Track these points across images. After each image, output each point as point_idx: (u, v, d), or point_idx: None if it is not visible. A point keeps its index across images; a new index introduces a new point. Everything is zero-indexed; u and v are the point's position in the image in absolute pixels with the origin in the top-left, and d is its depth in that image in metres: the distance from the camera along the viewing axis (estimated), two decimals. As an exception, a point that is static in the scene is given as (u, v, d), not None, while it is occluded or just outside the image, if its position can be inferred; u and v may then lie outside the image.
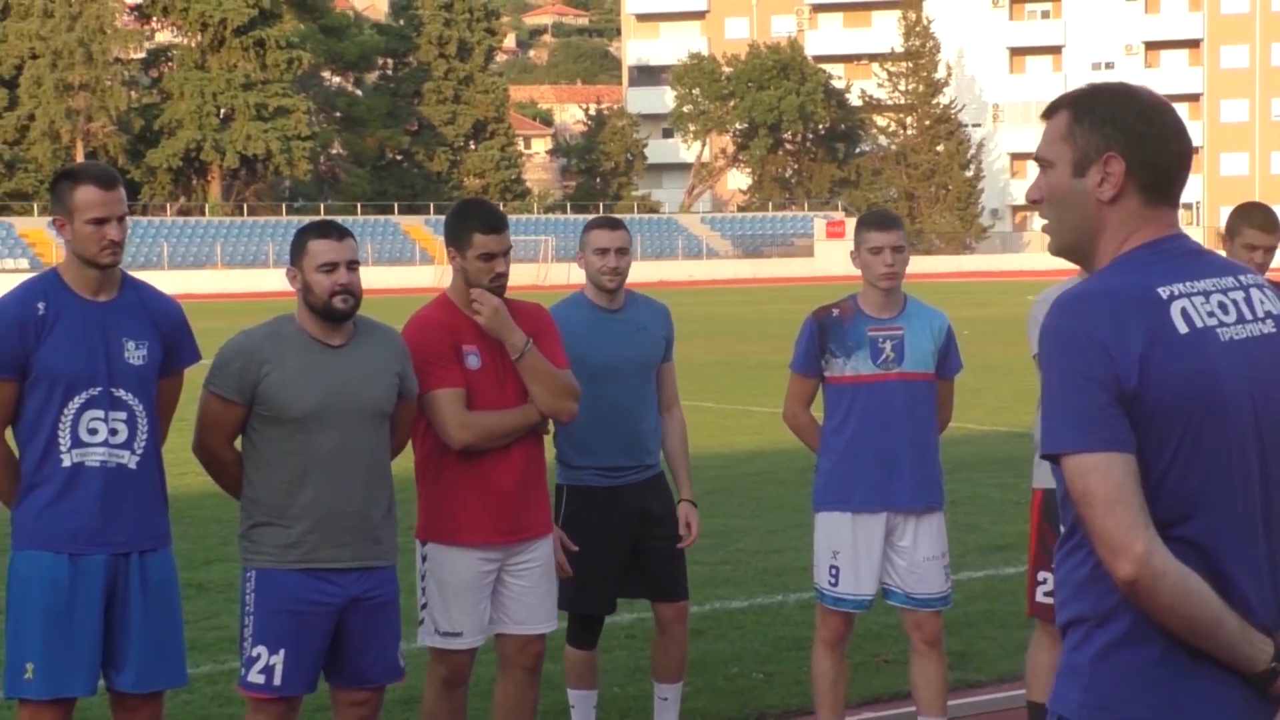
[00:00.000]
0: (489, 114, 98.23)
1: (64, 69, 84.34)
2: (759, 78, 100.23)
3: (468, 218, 6.20)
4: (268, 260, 79.39)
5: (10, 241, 78.01)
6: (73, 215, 5.39)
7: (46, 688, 5.36)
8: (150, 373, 5.49)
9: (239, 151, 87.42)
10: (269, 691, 5.67)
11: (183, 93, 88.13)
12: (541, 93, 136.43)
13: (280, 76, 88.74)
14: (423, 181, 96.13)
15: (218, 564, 10.88)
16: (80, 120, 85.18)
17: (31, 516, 5.40)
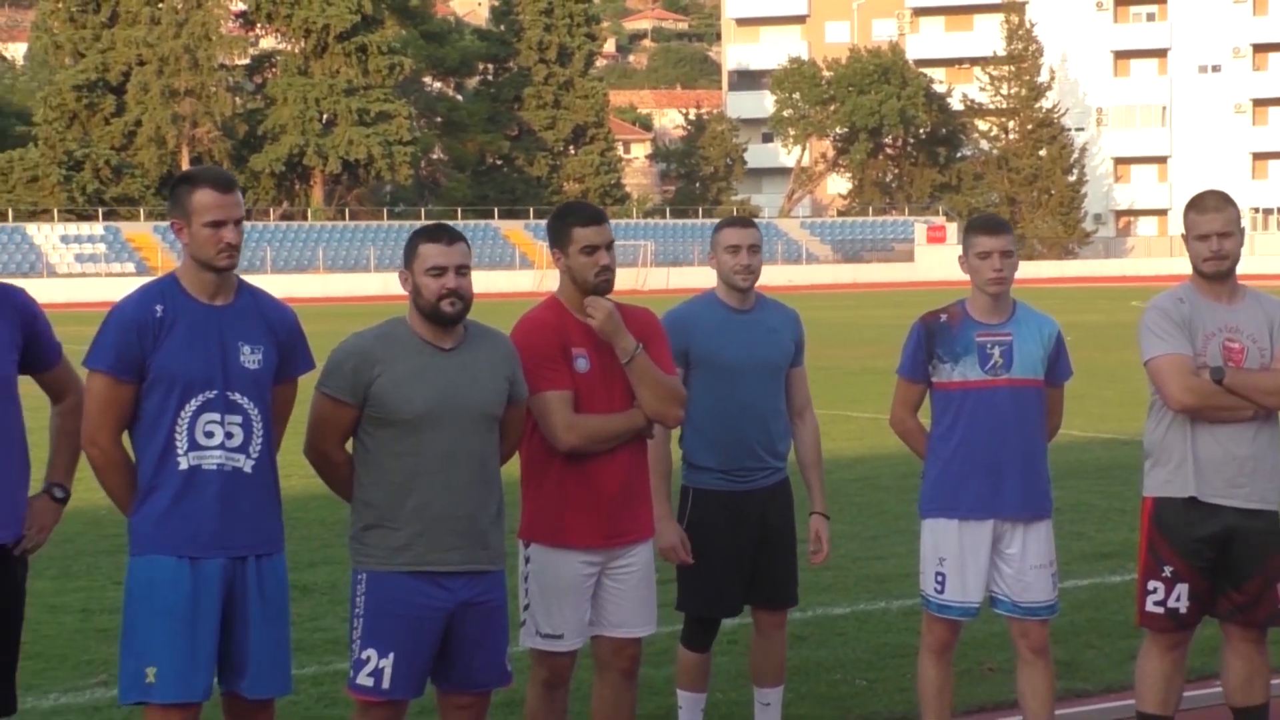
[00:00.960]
0: (589, 119, 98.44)
1: (170, 75, 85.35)
2: (859, 82, 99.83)
3: (566, 215, 6.23)
4: (369, 264, 79.96)
5: (117, 246, 79.00)
6: (190, 218, 5.41)
7: (170, 691, 5.37)
8: (265, 377, 5.50)
9: (341, 156, 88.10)
10: (377, 695, 5.68)
11: (286, 98, 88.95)
12: (641, 97, 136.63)
13: (382, 82, 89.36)
14: (523, 186, 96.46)
15: (322, 566, 10.95)
16: (186, 126, 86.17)
17: (150, 521, 5.41)
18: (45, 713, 7.59)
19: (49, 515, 5.52)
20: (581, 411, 6.07)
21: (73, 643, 9.03)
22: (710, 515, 6.83)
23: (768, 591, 7.02)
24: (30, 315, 5.50)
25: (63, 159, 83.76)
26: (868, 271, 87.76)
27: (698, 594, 6.89)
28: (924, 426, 6.93)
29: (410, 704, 5.86)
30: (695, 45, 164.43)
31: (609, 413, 6.11)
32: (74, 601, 10.01)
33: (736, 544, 6.85)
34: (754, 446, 6.86)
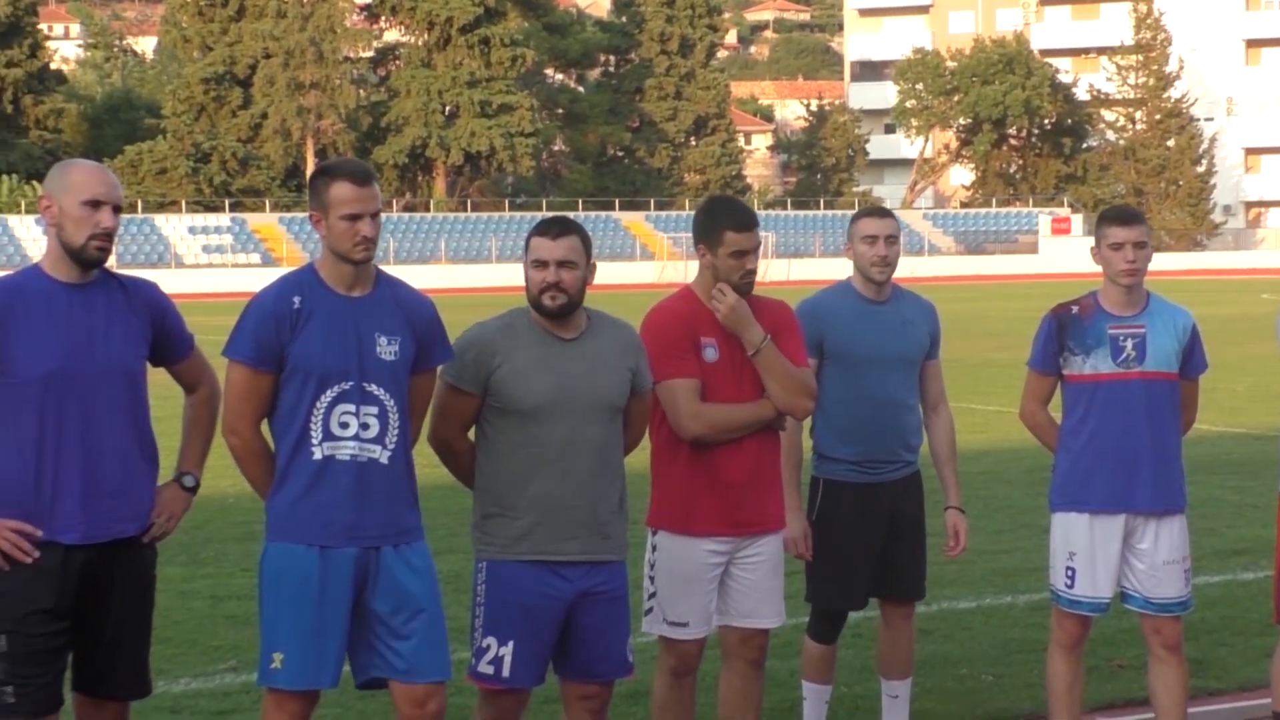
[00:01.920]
0: (710, 110, 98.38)
1: (295, 68, 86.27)
2: (984, 72, 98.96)
3: (720, 215, 6.20)
4: (490, 255, 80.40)
5: (243, 237, 79.99)
6: (328, 211, 5.44)
7: (293, 678, 5.41)
8: (402, 368, 5.52)
9: (463, 148, 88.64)
10: (497, 683, 5.70)
11: (409, 90, 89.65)
12: (762, 88, 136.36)
13: (504, 74, 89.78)
14: (644, 178, 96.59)
15: (445, 555, 10.95)
16: (310, 118, 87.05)
17: (284, 509, 5.45)
18: (176, 697, 7.68)
19: (178, 503, 5.57)
20: (709, 401, 6.07)
21: (202, 628, 9.14)
22: (840, 507, 6.79)
23: (896, 584, 6.97)
24: (160, 310, 5.54)
25: (190, 151, 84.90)
26: (991, 263, 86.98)
27: (825, 585, 6.86)
28: (1054, 420, 6.84)
29: (535, 693, 5.87)
30: (817, 36, 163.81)
31: (737, 403, 6.09)
32: (203, 588, 10.13)
33: (865, 536, 6.80)
34: (886, 439, 6.81)
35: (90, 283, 5.39)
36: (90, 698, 5.47)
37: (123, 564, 5.40)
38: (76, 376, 5.28)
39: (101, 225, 5.31)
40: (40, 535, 5.27)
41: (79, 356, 5.28)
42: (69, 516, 5.29)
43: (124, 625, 5.42)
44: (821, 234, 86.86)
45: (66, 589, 5.29)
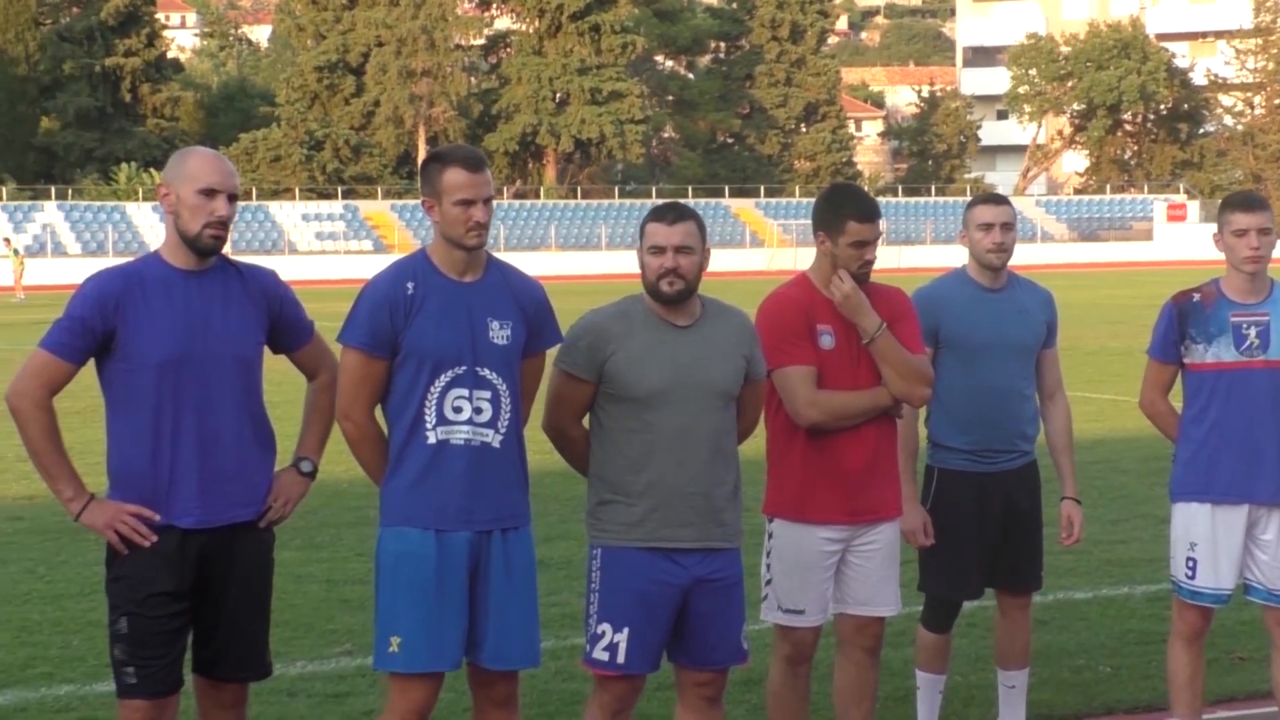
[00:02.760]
0: (820, 96, 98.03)
1: (408, 56, 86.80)
2: (1098, 57, 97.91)
3: (843, 204, 6.17)
4: (599, 243, 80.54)
5: (355, 224, 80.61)
6: (440, 197, 5.45)
7: (412, 661, 5.44)
8: (514, 353, 5.53)
9: (573, 135, 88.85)
10: (613, 669, 5.69)
11: (520, 78, 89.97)
12: (873, 75, 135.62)
13: (615, 61, 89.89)
14: (754, 165, 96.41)
15: (558, 541, 11.02)
16: (422, 106, 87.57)
17: (399, 493, 5.48)
18: (292, 680, 7.74)
19: (295, 488, 5.61)
20: (826, 388, 6.05)
21: (318, 612, 9.21)
22: (955, 496, 6.73)
23: (1012, 574, 6.90)
24: (277, 297, 5.58)
25: (304, 139, 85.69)
26: (1105, 250, 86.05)
27: (940, 575, 6.81)
28: (1175, 409, 6.74)
29: (648, 679, 5.86)
30: (928, 21, 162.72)
31: (853, 390, 6.06)
32: (319, 572, 10.22)
33: (981, 526, 6.74)
34: (1002, 428, 6.74)
35: (208, 269, 5.43)
36: (209, 679, 5.53)
37: (240, 548, 5.45)
38: (193, 362, 5.32)
39: (216, 214, 5.35)
40: (158, 519, 5.33)
41: (195, 343, 5.33)
42: (186, 501, 5.34)
43: (242, 608, 5.47)
44: (932, 221, 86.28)
45: (184, 572, 5.35)
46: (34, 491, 13.57)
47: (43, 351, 5.33)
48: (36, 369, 5.34)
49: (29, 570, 10.55)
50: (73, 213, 77.45)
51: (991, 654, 7.33)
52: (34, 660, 8.32)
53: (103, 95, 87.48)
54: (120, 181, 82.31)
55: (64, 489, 5.37)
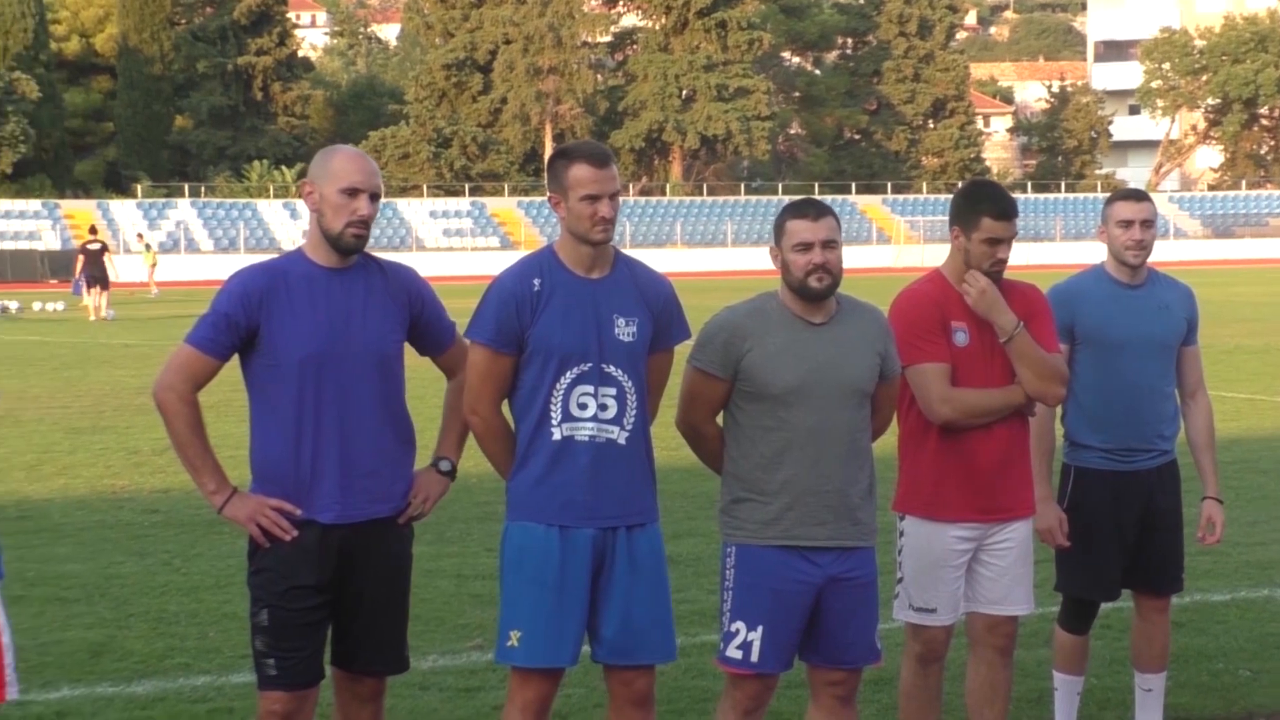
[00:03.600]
0: (949, 92, 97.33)
1: (535, 54, 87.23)
2: (1234, 50, 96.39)
3: (980, 200, 6.12)
4: (725, 239, 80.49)
5: (482, 221, 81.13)
6: (567, 193, 5.46)
7: (530, 655, 5.46)
8: (640, 349, 5.53)
9: (699, 132, 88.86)
10: (746, 667, 5.66)
11: (646, 74, 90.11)
12: (1002, 70, 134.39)
13: (741, 57, 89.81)
14: (880, 161, 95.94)
15: (686, 538, 11.01)
16: (549, 103, 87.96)
17: (524, 489, 5.50)
18: (424, 674, 7.79)
19: (434, 487, 5.64)
20: (959, 385, 6.00)
21: (449, 607, 9.26)
22: (1092, 495, 6.64)
23: (1151, 576, 6.80)
24: (417, 295, 5.60)
25: (432, 136, 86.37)
26: (1239, 247, 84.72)
27: (1077, 575, 6.72)
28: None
29: (780, 677, 5.84)
30: (1059, 16, 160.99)
31: (987, 388, 6.00)
32: (449, 566, 10.28)
33: (1119, 526, 6.65)
34: (1140, 427, 6.64)
35: (350, 267, 5.47)
36: (348, 672, 5.58)
37: (378, 543, 5.49)
38: (334, 359, 5.36)
39: (359, 213, 5.38)
40: (300, 514, 5.38)
41: (337, 340, 5.37)
42: (327, 496, 5.39)
43: (380, 602, 5.51)
44: (1062, 217, 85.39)
45: (324, 566, 5.39)
46: (170, 485, 13.77)
47: (187, 347, 5.40)
48: (181, 364, 5.40)
49: (166, 563, 10.70)
50: (205, 210, 78.59)
51: (1127, 656, 7.23)
52: (171, 651, 8.43)
53: (235, 94, 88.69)
54: (252, 179, 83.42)
55: (208, 482, 5.44)
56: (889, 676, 7.15)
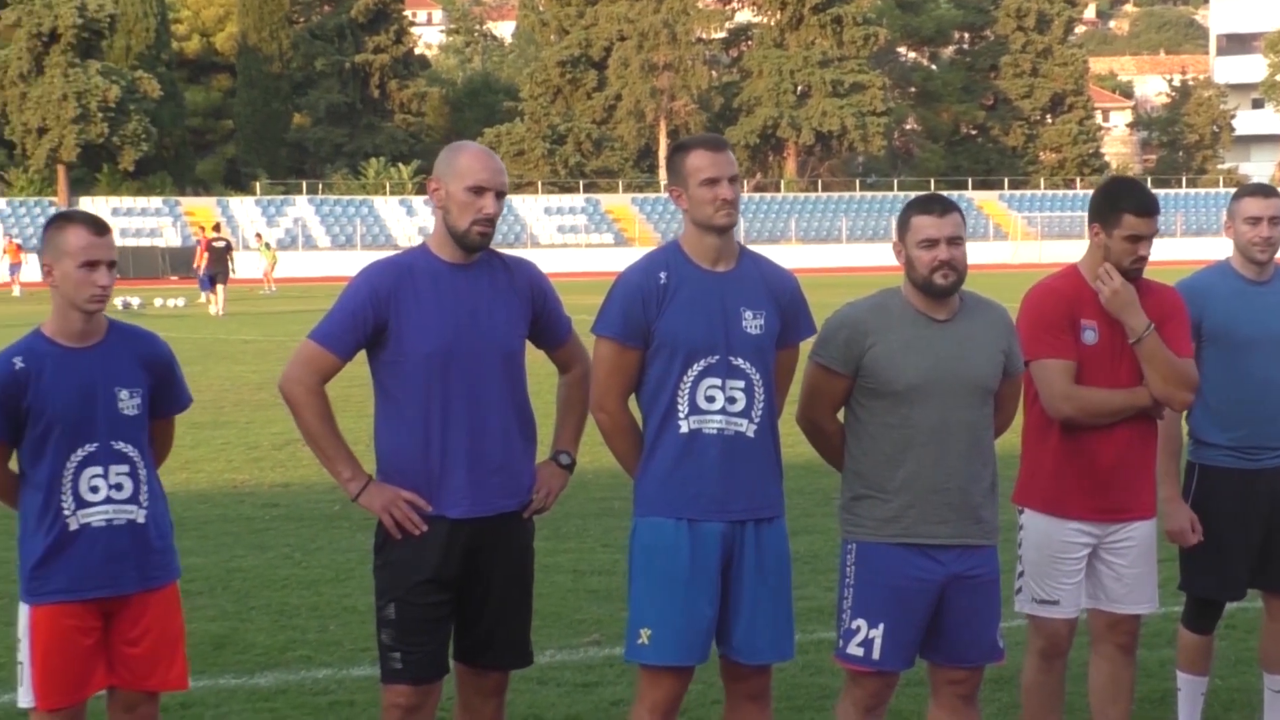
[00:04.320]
0: (1067, 87, 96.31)
1: (649, 50, 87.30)
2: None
3: (1122, 197, 6.06)
4: (840, 236, 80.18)
5: (596, 217, 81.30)
6: (687, 181, 5.47)
7: (660, 654, 5.45)
8: (767, 343, 5.52)
9: (814, 128, 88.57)
10: (867, 665, 5.64)
11: (761, 70, 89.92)
12: (1122, 64, 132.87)
13: (857, 53, 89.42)
14: (997, 156, 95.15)
15: (804, 535, 10.97)
16: (663, 99, 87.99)
17: (653, 484, 5.49)
18: (542, 669, 7.80)
19: (556, 480, 5.67)
20: (1085, 383, 5.95)
21: (566, 602, 9.29)
22: (1218, 494, 6.55)
23: (1279, 576, 6.68)
24: (540, 291, 5.63)
25: (546, 133, 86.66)
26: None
27: (1202, 574, 6.62)
28: None
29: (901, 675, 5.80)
30: (1180, 9, 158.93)
31: (1113, 388, 5.95)
32: (565, 562, 10.31)
33: (1245, 525, 6.55)
34: (1267, 425, 6.53)
35: (474, 263, 5.50)
36: (471, 667, 5.61)
37: (504, 538, 5.51)
38: (460, 355, 5.39)
39: (484, 211, 5.41)
40: (430, 510, 5.41)
41: (463, 335, 5.40)
42: (455, 491, 5.42)
43: (505, 598, 5.54)
44: (1183, 213, 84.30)
45: (451, 560, 5.42)
46: (289, 479, 13.92)
47: (312, 343, 5.46)
48: (306, 359, 5.46)
49: (286, 556, 10.81)
50: (322, 207, 79.34)
51: (1253, 656, 7.11)
52: (293, 644, 8.51)
53: (352, 91, 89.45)
54: (369, 176, 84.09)
55: (342, 470, 5.49)
56: (1009, 675, 7.09)
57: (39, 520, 5.31)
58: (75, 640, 5.32)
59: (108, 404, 5.31)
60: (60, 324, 5.33)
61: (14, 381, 5.25)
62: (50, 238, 5.29)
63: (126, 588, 5.36)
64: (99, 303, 5.29)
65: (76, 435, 5.28)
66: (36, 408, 5.26)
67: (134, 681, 5.44)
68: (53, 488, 5.29)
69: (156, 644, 5.45)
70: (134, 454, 5.37)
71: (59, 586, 5.30)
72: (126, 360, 5.39)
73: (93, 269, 5.25)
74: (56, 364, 5.29)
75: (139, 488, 5.38)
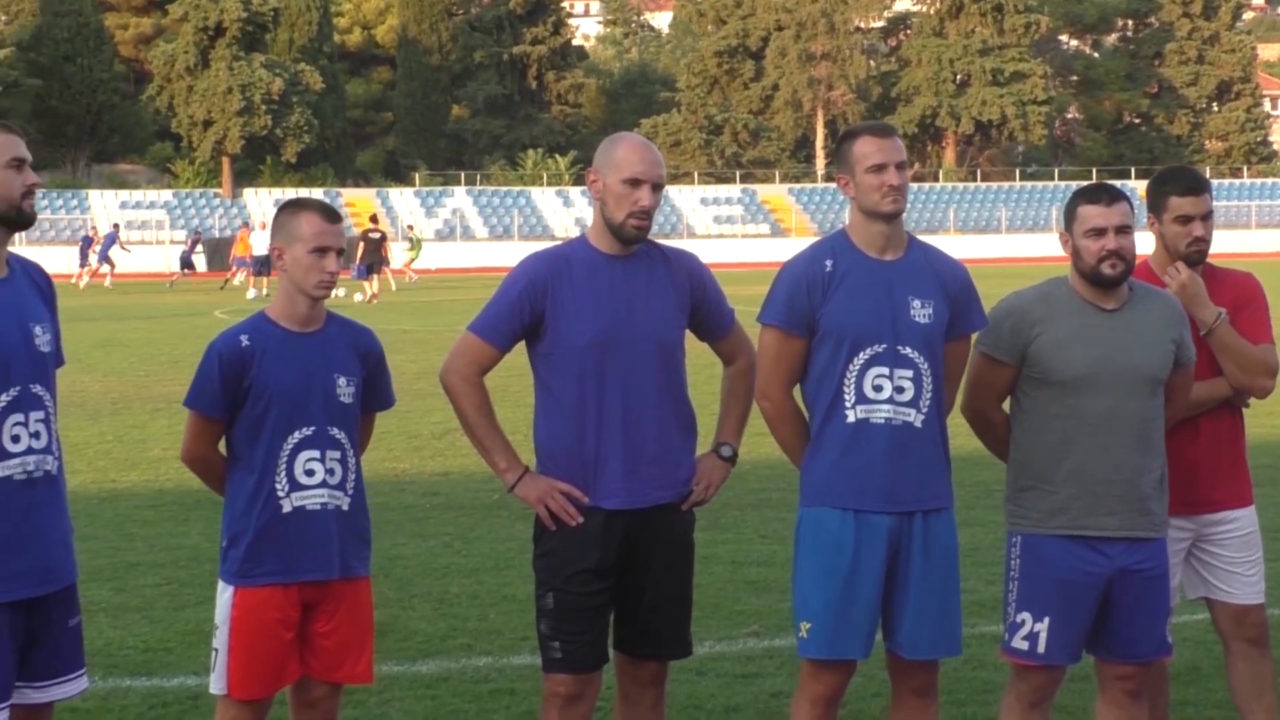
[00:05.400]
0: (1234, 74, 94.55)
1: (807, 40, 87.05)
2: None
3: (1166, 181, 6.01)
4: (999, 226, 79.38)
5: (753, 208, 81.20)
6: (853, 169, 5.43)
7: (821, 647, 5.42)
8: (936, 332, 5.44)
9: (974, 117, 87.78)
10: (1032, 659, 5.57)
11: (920, 59, 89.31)
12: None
13: (1017, 41, 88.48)
14: (1161, 145, 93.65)
15: (964, 527, 10.58)
16: (821, 89, 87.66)
17: (818, 474, 5.45)
18: (700, 659, 7.77)
19: (716, 472, 5.63)
20: None
21: (724, 593, 9.26)
22: None
23: None
24: (700, 282, 5.59)
25: (703, 123, 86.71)
26: None
27: None
28: None
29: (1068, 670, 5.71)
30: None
31: None
32: (723, 553, 10.28)
33: None
34: None
35: (633, 254, 5.48)
36: (630, 657, 5.59)
37: (662, 529, 5.49)
38: (617, 346, 5.37)
39: (640, 204, 5.39)
40: (586, 501, 5.41)
41: (620, 326, 5.38)
42: (612, 482, 5.40)
43: (663, 588, 5.51)
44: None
45: (609, 551, 5.41)
46: (449, 468, 14.03)
47: (471, 335, 5.48)
48: (465, 350, 5.48)
49: (447, 544, 10.88)
50: (480, 198, 80.00)
51: None
52: (454, 632, 8.56)
53: (510, 83, 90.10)
54: (526, 167, 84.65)
55: (499, 460, 5.50)
56: (1174, 672, 6.95)
57: (250, 502, 5.37)
58: (277, 631, 5.37)
59: (327, 389, 5.38)
60: (285, 308, 5.40)
61: (239, 359, 5.33)
62: (283, 223, 5.36)
63: (331, 573, 5.42)
64: (326, 289, 5.36)
65: (294, 418, 5.34)
66: (257, 387, 5.33)
67: (323, 672, 5.48)
68: (267, 469, 5.34)
69: (349, 635, 5.51)
70: (346, 441, 5.44)
71: (270, 569, 5.35)
72: (345, 349, 5.46)
73: (323, 255, 5.32)
74: (280, 346, 5.36)
75: (348, 475, 5.46)
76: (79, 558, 5.30)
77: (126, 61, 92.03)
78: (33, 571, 4.94)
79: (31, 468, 4.94)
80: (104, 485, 12.85)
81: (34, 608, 4.98)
